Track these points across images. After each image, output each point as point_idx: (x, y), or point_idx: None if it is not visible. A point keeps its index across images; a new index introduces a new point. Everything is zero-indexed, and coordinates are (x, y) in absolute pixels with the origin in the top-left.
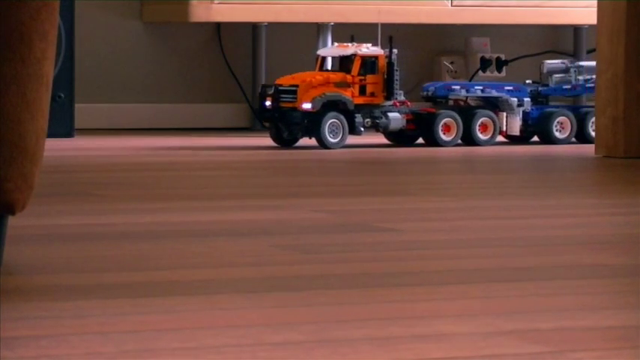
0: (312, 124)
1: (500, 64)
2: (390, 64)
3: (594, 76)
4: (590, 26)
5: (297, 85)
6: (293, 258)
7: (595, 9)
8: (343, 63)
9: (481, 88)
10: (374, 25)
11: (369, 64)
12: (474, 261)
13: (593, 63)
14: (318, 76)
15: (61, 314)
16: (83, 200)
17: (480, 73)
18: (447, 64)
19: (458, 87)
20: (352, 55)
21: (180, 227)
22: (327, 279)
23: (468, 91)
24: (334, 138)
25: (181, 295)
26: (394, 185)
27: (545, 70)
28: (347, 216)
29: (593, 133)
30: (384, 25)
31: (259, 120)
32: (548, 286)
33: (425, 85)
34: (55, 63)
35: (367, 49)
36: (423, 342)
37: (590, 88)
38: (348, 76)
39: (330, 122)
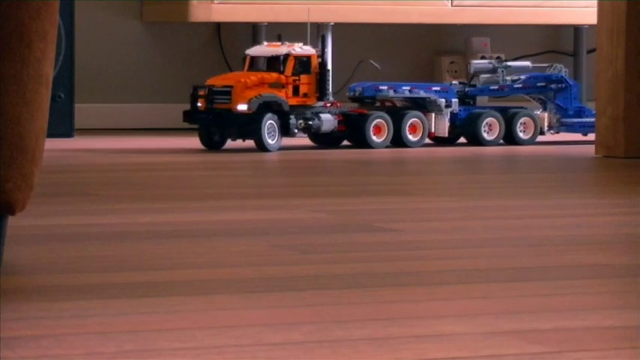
0: (249, 126)
1: None
2: (322, 64)
3: (522, 77)
4: (590, 26)
5: (231, 86)
6: (293, 258)
7: (595, 9)
8: (271, 63)
9: (409, 88)
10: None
11: (302, 64)
12: (474, 261)
13: (521, 63)
14: (252, 77)
15: (61, 314)
16: (83, 200)
17: None
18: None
19: (385, 87)
20: (285, 54)
21: (180, 227)
22: (327, 279)
23: (395, 91)
24: (272, 140)
25: (181, 295)
26: (394, 185)
27: (472, 70)
28: (347, 216)
29: (521, 135)
30: (387, 25)
31: (188, 122)
32: (548, 286)
33: (352, 86)
34: (55, 63)
35: (300, 48)
36: (423, 342)
37: (517, 88)
38: (282, 77)
39: (268, 124)
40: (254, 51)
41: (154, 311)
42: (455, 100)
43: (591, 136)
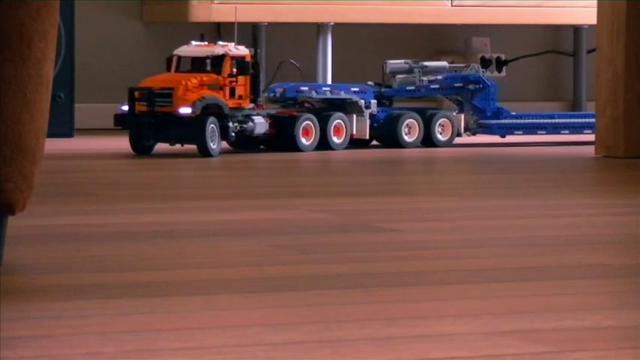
0: (191, 129)
1: (500, 64)
2: (255, 65)
3: (439, 77)
4: (590, 26)
5: (171, 88)
6: (293, 258)
7: (595, 9)
8: (196, 64)
9: (329, 89)
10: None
11: (238, 64)
12: (474, 261)
13: (438, 63)
14: (192, 79)
15: (61, 314)
16: (83, 200)
17: None
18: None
19: (307, 88)
20: (222, 55)
21: (180, 227)
22: (327, 279)
23: (317, 92)
24: (213, 144)
25: (181, 295)
26: (394, 185)
27: (387, 71)
28: (347, 216)
29: (439, 136)
30: (387, 25)
31: (124, 126)
32: (548, 286)
33: (272, 86)
34: (55, 63)
35: (236, 48)
36: (423, 342)
37: (434, 89)
38: (220, 78)
39: (210, 128)
40: (184, 51)
41: (154, 311)
42: (374, 102)
43: (590, 137)
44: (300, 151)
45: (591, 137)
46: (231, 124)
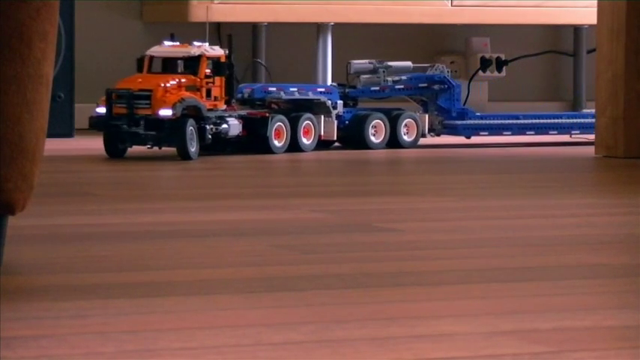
0: (172, 132)
1: (500, 64)
2: (230, 66)
3: (403, 77)
4: (590, 26)
5: (150, 90)
6: (293, 258)
7: (595, 9)
8: (168, 64)
9: (296, 89)
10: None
11: (214, 65)
12: (474, 261)
13: (402, 63)
14: (171, 80)
15: (61, 314)
16: (83, 200)
17: (480, 73)
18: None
19: (275, 89)
20: (198, 55)
21: (180, 227)
22: (327, 279)
23: (285, 93)
24: (192, 147)
25: (181, 295)
26: (394, 185)
27: (352, 71)
28: (347, 216)
29: (405, 137)
30: (387, 25)
31: (100, 129)
32: (548, 286)
33: (240, 87)
34: (55, 63)
35: (212, 49)
36: (423, 342)
37: (399, 89)
38: (198, 79)
39: (189, 130)
40: (157, 51)
41: (153, 311)
42: (340, 102)
43: (590, 137)
44: (273, 153)
45: (558, 138)
46: (208, 127)
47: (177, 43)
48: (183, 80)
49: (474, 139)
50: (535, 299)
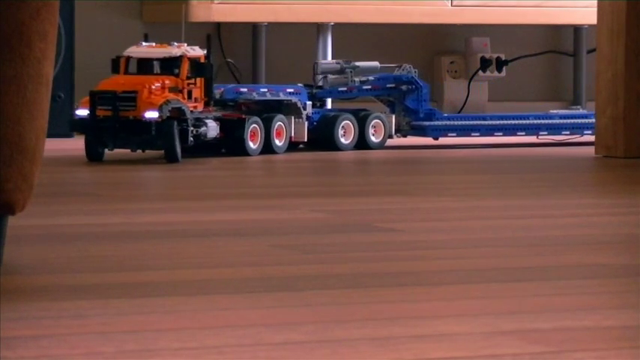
0: (160, 134)
1: (500, 64)
2: (209, 67)
3: (371, 77)
4: (590, 26)
5: (135, 91)
6: (293, 258)
7: (595, 9)
8: (145, 65)
9: (267, 90)
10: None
11: (196, 66)
12: (474, 261)
13: (370, 63)
14: (155, 81)
15: (61, 314)
16: (83, 200)
17: (480, 73)
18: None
19: (246, 90)
20: (179, 56)
21: (180, 227)
22: (327, 279)
23: (257, 94)
24: (178, 149)
25: (181, 295)
26: (394, 185)
27: (319, 71)
28: (347, 216)
29: (372, 138)
30: (387, 25)
31: (82, 131)
32: (548, 286)
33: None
34: (55, 63)
35: (193, 49)
36: (423, 342)
37: (367, 90)
38: (179, 80)
39: (176, 132)
40: (137, 52)
41: (153, 311)
42: (309, 103)
43: (590, 137)
44: (248, 155)
45: (525, 139)
46: (190, 129)
47: (154, 44)
48: (167, 82)
49: (442, 140)
50: (535, 299)
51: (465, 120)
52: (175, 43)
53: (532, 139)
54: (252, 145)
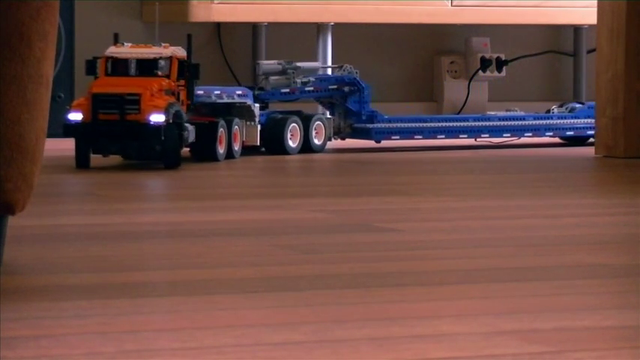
0: (167, 139)
1: (500, 64)
2: (193, 67)
3: (312, 78)
4: (590, 26)
5: (138, 94)
6: (293, 258)
7: (595, 9)
8: (118, 67)
9: (219, 92)
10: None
11: (185, 68)
12: (474, 261)
13: (311, 64)
14: (154, 83)
15: (61, 314)
16: (83, 200)
17: (480, 73)
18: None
19: (202, 92)
20: (169, 57)
21: (180, 227)
22: (327, 279)
23: (209, 96)
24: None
25: (181, 295)
26: (394, 185)
27: (260, 72)
28: (347, 216)
29: (316, 141)
30: (387, 25)
31: (76, 136)
32: (548, 286)
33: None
34: (55, 63)
35: (180, 50)
36: (423, 342)
37: (309, 91)
38: (172, 83)
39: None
40: (120, 52)
41: (154, 311)
42: (257, 105)
43: (497, 140)
44: (217, 160)
45: (468, 142)
46: (185, 133)
47: (130, 44)
48: (163, 83)
49: (385, 143)
50: (535, 299)
51: (406, 122)
52: (162, 44)
53: (471, 141)
54: (219, 149)
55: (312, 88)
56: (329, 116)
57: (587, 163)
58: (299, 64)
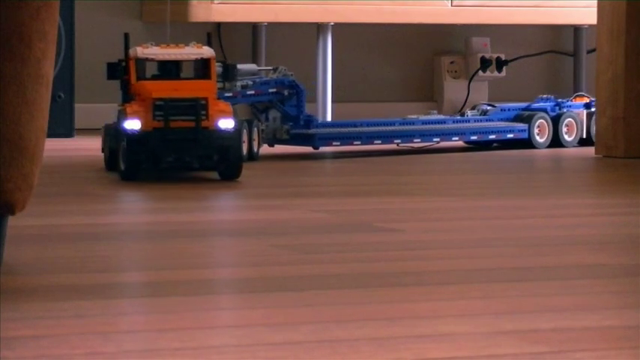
0: (229, 147)
1: (500, 64)
2: (232, 69)
3: (250, 82)
4: (590, 26)
5: (198, 99)
6: (293, 258)
7: (595, 9)
8: (159, 68)
9: None
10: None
11: (223, 69)
12: (474, 261)
13: (247, 66)
14: (212, 86)
15: (61, 314)
16: (83, 200)
17: (480, 73)
18: None
19: None
20: (207, 58)
21: (180, 227)
22: (327, 279)
23: None
24: None
25: (181, 295)
26: (394, 185)
27: None
28: (347, 216)
29: (254, 148)
30: (387, 25)
31: (140, 148)
32: (548, 286)
33: None
34: (55, 63)
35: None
36: (423, 342)
37: (250, 95)
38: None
39: None
40: (154, 53)
41: (153, 311)
42: None
43: (418, 145)
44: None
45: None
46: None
47: (157, 45)
48: (217, 86)
49: (322, 149)
50: (535, 299)
51: (341, 127)
52: (193, 44)
53: (392, 146)
54: None
55: (252, 92)
56: (261, 122)
57: (587, 163)
58: (239, 66)
